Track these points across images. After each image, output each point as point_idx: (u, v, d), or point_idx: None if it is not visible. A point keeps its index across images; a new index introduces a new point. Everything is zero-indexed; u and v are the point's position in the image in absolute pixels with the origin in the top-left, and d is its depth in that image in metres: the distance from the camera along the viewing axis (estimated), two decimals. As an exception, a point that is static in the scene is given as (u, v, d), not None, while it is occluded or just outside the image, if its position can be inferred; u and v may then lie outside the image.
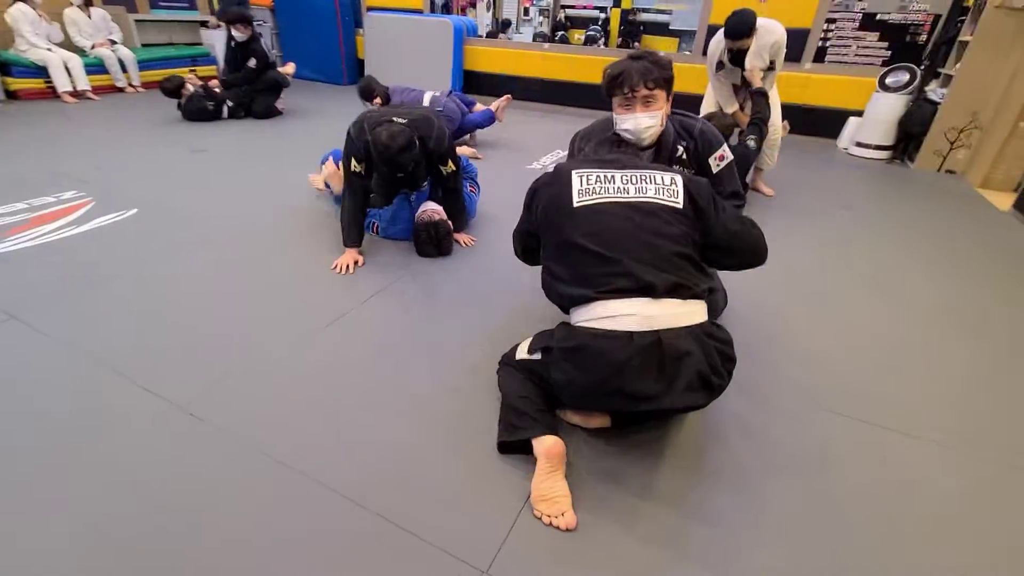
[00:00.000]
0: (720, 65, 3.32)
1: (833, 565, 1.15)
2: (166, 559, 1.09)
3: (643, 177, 1.39)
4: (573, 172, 1.41)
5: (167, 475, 1.28)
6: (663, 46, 11.15)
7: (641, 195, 1.36)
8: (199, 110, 4.65)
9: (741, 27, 3.04)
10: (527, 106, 6.21)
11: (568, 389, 1.29)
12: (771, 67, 3.18)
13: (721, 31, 3.14)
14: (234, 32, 4.72)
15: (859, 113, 4.89)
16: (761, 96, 3.11)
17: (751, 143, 2.93)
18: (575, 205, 1.35)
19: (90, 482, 1.25)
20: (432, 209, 2.46)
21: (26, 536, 1.12)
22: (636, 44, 11.22)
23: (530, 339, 1.49)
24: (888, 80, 4.62)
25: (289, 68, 5.25)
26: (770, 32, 3.08)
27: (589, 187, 1.38)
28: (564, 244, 1.35)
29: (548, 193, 1.44)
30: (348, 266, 2.29)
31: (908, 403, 1.67)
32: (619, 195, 1.36)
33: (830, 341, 1.96)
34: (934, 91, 4.50)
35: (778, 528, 1.23)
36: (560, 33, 12.03)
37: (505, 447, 1.37)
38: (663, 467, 1.38)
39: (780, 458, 1.43)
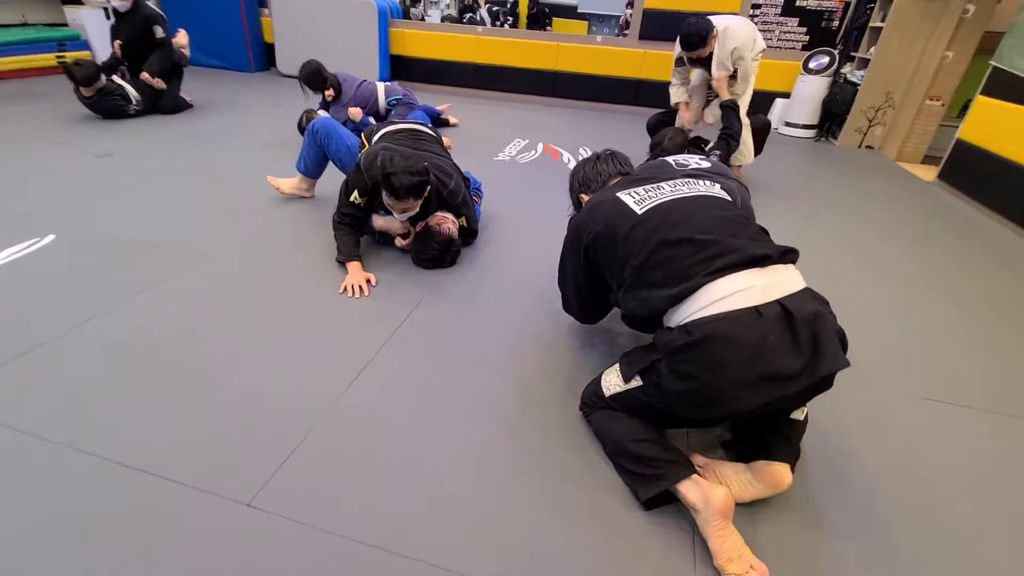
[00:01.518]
0: (680, 61, 3.25)
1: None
2: None
3: (687, 181, 1.37)
4: (618, 195, 1.34)
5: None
6: (573, 28, 11.23)
7: (696, 192, 1.33)
8: (115, 109, 3.88)
9: (691, 39, 2.92)
10: (467, 93, 5.92)
11: (696, 396, 1.09)
12: (733, 76, 3.04)
13: None
14: (113, 1, 3.93)
15: (786, 95, 5.21)
16: (730, 109, 2.99)
17: (714, 159, 2.88)
18: (640, 213, 1.27)
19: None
20: (450, 220, 2.19)
21: None
22: (548, 27, 11.19)
23: (614, 368, 1.34)
24: (811, 64, 4.94)
25: (181, 38, 4.40)
26: (730, 39, 2.92)
27: (643, 196, 1.32)
28: (649, 253, 1.22)
29: (596, 222, 1.34)
30: (361, 287, 1.97)
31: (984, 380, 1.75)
32: (676, 194, 1.31)
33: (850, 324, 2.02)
34: (851, 73, 4.90)
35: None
36: (468, 15, 11.69)
37: (652, 501, 1.20)
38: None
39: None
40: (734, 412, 1.08)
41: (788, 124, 5.13)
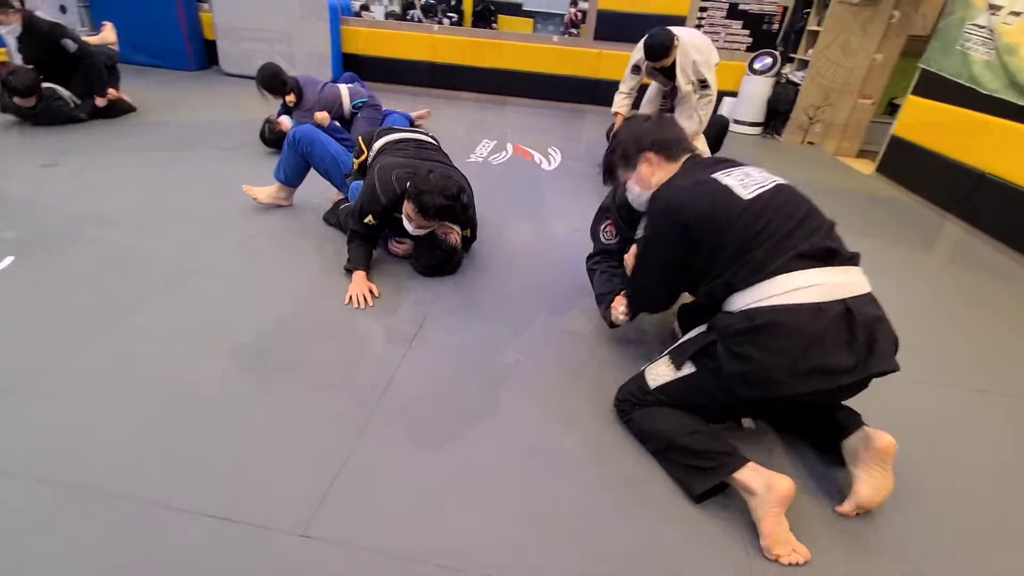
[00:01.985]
0: (637, 68, 3.32)
1: None
2: None
3: (762, 171, 1.37)
4: (716, 177, 1.32)
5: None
6: (518, 26, 11.30)
7: (780, 180, 1.34)
8: (62, 114, 3.52)
9: (656, 49, 3.04)
10: (423, 93, 5.83)
11: (750, 376, 1.16)
12: (704, 84, 3.15)
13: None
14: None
15: (733, 94, 5.48)
16: None
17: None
18: (748, 198, 1.26)
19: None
20: (456, 231, 2.17)
21: None
22: (494, 24, 11.18)
23: (662, 361, 1.39)
24: (756, 65, 5.23)
25: (109, 33, 4.01)
26: (691, 49, 3.04)
27: (747, 181, 1.31)
28: (752, 237, 1.22)
29: (701, 202, 1.28)
30: (364, 297, 1.94)
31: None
32: (767, 182, 1.31)
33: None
34: (792, 74, 5.22)
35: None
36: (411, 12, 11.48)
37: (705, 494, 1.24)
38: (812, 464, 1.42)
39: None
40: (783, 395, 1.16)
41: (736, 122, 5.40)
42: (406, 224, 2.02)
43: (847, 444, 1.27)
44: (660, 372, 1.38)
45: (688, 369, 1.31)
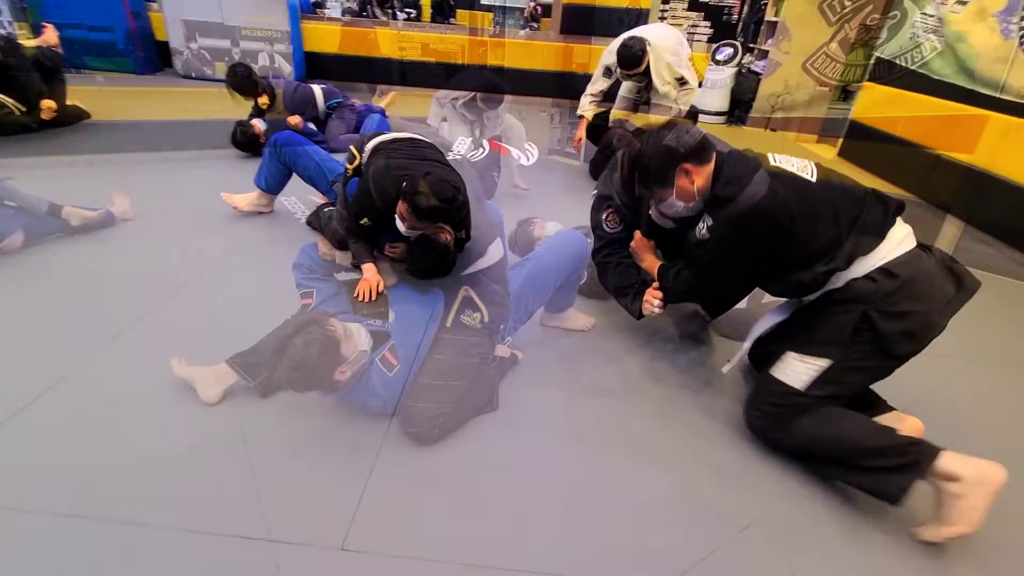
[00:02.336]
0: (608, 71, 3.33)
1: None
2: None
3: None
4: (781, 165, 1.31)
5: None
6: (477, 20, 11.21)
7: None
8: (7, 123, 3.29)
9: (632, 60, 3.07)
10: (392, 91, 5.73)
11: (918, 328, 1.20)
12: (682, 81, 3.21)
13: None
14: None
15: (698, 84, 5.61)
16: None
17: None
18: (814, 180, 1.29)
19: None
20: (447, 231, 2.14)
21: None
22: (452, 19, 11.06)
23: (788, 360, 1.31)
24: (718, 55, 5.37)
25: (50, 35, 3.73)
26: (663, 52, 3.08)
27: (798, 165, 1.32)
28: (837, 215, 1.24)
29: (791, 197, 1.24)
30: (372, 291, 1.91)
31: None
32: (805, 163, 1.35)
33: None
34: (753, 63, 5.38)
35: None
36: (370, 9, 11.25)
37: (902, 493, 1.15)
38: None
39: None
40: (929, 340, 1.24)
41: (702, 112, 5.53)
42: (399, 224, 1.99)
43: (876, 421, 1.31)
44: (799, 369, 1.29)
45: (834, 355, 1.25)
